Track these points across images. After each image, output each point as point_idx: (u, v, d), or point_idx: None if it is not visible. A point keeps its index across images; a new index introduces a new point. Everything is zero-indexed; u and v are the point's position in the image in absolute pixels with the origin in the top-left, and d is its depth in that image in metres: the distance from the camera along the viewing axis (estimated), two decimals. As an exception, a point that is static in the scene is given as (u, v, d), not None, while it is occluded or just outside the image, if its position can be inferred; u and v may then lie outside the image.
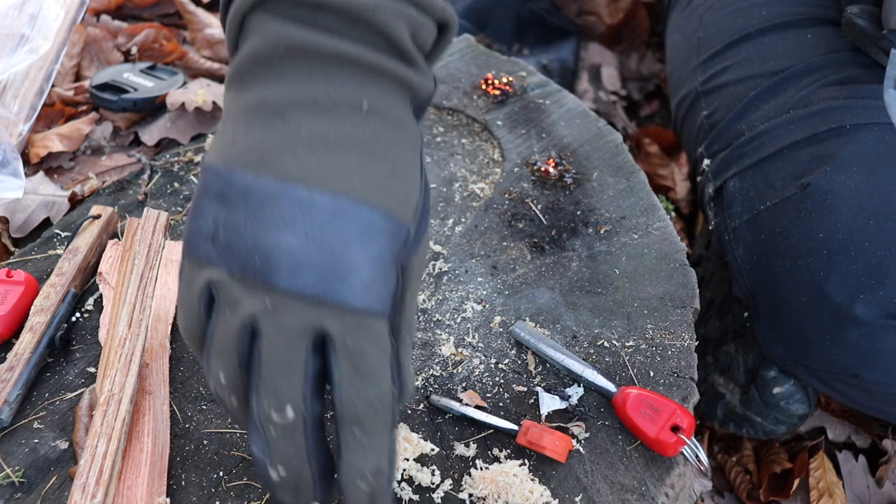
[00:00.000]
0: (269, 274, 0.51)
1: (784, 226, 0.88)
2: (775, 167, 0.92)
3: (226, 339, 0.52)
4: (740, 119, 0.99)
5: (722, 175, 0.98)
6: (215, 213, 0.53)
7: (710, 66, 1.08)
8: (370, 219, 0.53)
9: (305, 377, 0.51)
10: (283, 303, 0.51)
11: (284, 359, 0.51)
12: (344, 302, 0.51)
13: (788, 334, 0.91)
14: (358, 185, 0.53)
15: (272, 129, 0.53)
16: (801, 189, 0.87)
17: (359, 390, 0.51)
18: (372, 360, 0.52)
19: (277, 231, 0.51)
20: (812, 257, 0.85)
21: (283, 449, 0.51)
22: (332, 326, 0.51)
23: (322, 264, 0.51)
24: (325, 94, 0.54)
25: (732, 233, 0.95)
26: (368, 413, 0.51)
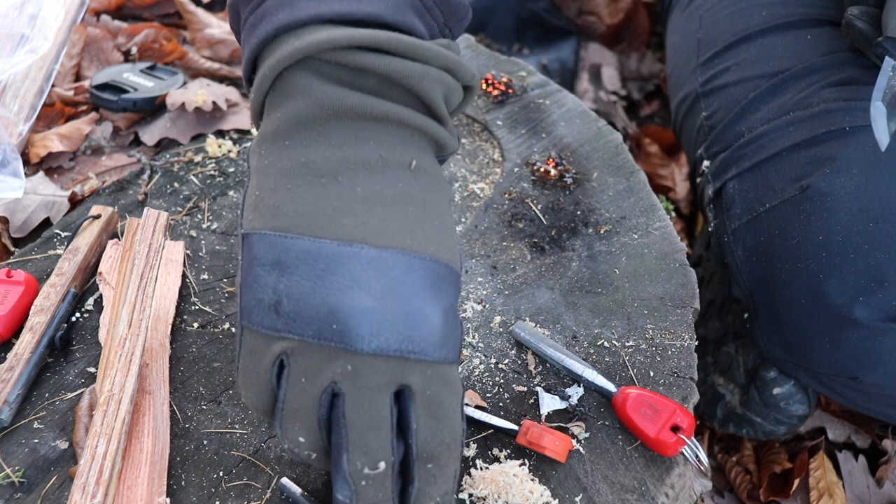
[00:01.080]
0: (350, 339, 0.51)
1: (783, 228, 0.88)
2: (775, 169, 0.92)
3: (306, 404, 0.52)
4: (740, 120, 0.99)
5: (721, 176, 0.98)
6: (274, 283, 0.52)
7: (709, 67, 1.08)
8: (439, 271, 0.54)
9: (392, 429, 0.52)
10: (366, 364, 0.51)
11: (372, 417, 0.52)
12: (426, 356, 0.52)
13: (788, 336, 0.91)
14: (422, 241, 0.54)
15: (325, 191, 0.53)
16: (801, 191, 0.87)
17: (434, 433, 0.53)
18: (447, 405, 0.54)
19: (352, 293, 0.51)
20: (811, 259, 0.85)
21: (371, 496, 0.52)
22: (413, 380, 0.52)
23: (402, 322, 0.52)
24: (376, 155, 0.54)
25: (732, 234, 0.95)
26: (443, 451, 0.54)
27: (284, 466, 0.66)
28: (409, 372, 0.52)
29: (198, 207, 0.89)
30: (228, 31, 1.14)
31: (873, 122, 0.81)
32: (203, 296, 0.79)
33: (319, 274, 0.51)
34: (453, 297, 0.55)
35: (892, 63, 0.83)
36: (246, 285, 0.54)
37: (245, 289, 0.54)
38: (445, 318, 0.54)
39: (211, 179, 0.92)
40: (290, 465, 0.66)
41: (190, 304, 0.78)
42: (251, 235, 0.54)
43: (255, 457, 0.66)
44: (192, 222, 0.87)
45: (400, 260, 0.52)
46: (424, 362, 0.53)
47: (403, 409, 0.53)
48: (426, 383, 0.53)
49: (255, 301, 0.53)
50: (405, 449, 0.54)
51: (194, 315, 0.78)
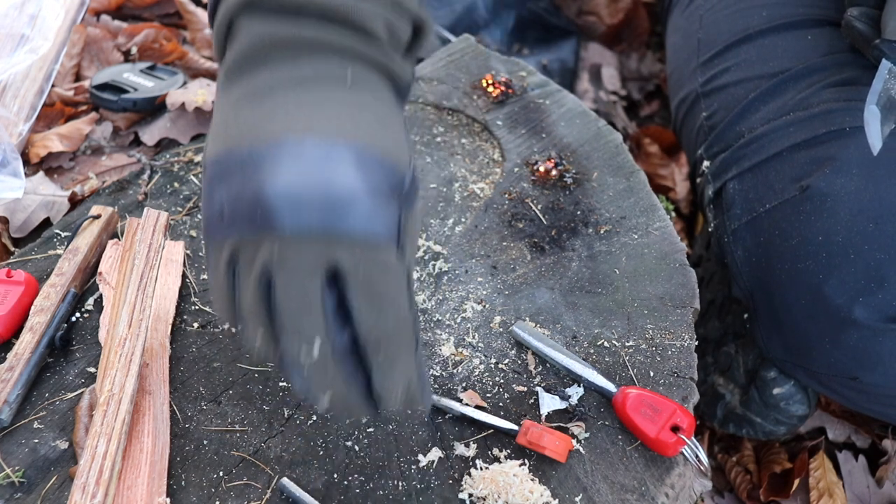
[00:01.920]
0: (272, 220, 0.52)
1: (783, 228, 0.88)
2: (775, 169, 0.92)
3: (252, 298, 0.53)
4: (740, 121, 0.99)
5: (721, 177, 0.98)
6: (220, 195, 0.54)
7: (710, 67, 1.08)
8: (364, 155, 0.54)
9: (324, 313, 0.52)
10: (289, 245, 0.52)
11: (302, 300, 0.52)
12: (350, 232, 0.52)
13: (788, 336, 0.91)
14: (349, 129, 0.55)
15: (260, 106, 0.55)
16: (801, 191, 0.87)
17: (376, 321, 0.53)
18: (385, 287, 0.53)
19: (272, 180, 0.52)
20: (811, 260, 0.85)
21: (320, 381, 0.53)
22: (342, 259, 0.52)
23: (322, 199, 0.52)
24: (310, 71, 0.56)
25: (732, 234, 0.95)
26: (388, 338, 0.53)
27: (284, 466, 0.66)
28: (336, 251, 0.52)
29: (198, 207, 0.89)
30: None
31: (866, 125, 0.81)
32: (203, 296, 0.79)
33: (249, 174, 0.53)
34: (383, 181, 0.54)
35: (888, 66, 0.83)
36: (203, 206, 0.57)
37: (202, 209, 0.57)
38: (371, 197, 0.53)
39: (211, 179, 0.92)
40: (289, 465, 0.66)
41: (190, 304, 0.78)
42: (205, 163, 0.57)
43: (255, 457, 0.66)
44: (192, 222, 0.87)
45: (320, 143, 0.53)
46: (353, 242, 0.52)
47: (341, 293, 0.53)
48: (358, 265, 0.52)
49: (207, 216, 0.56)
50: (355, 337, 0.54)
51: (194, 315, 0.78)
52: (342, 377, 0.53)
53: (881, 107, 0.81)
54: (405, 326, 0.54)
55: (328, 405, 0.54)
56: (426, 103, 1.04)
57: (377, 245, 0.53)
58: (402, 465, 0.66)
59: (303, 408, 0.70)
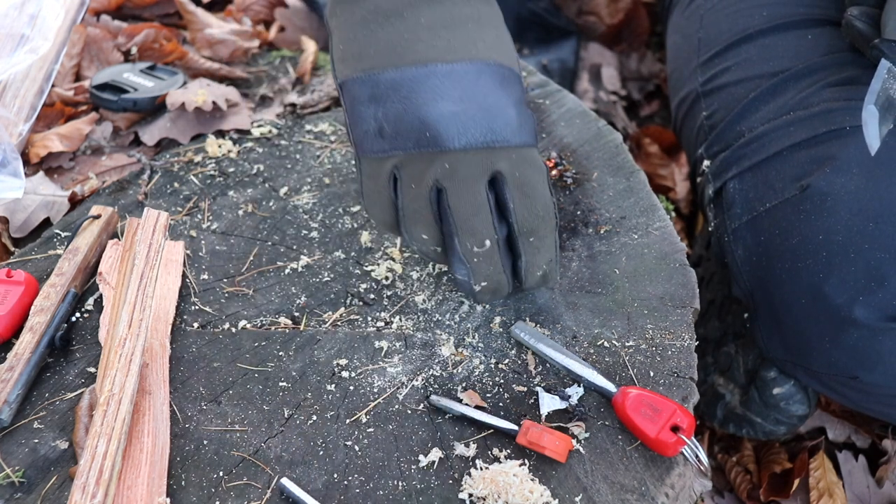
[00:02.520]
0: (442, 140, 0.62)
1: (783, 227, 0.88)
2: (775, 169, 0.92)
3: (419, 205, 0.65)
4: (740, 120, 0.98)
5: (722, 176, 0.98)
6: (374, 113, 0.64)
7: (710, 66, 1.08)
8: (502, 72, 0.66)
9: (491, 212, 0.64)
10: (459, 160, 0.63)
11: (472, 203, 0.64)
12: (508, 142, 0.64)
13: (788, 336, 0.91)
14: (483, 50, 0.65)
15: (395, 27, 0.64)
16: (801, 191, 0.87)
17: (529, 209, 0.65)
18: (535, 183, 0.65)
19: (435, 104, 0.62)
20: (811, 259, 0.85)
21: (484, 270, 0.67)
22: (502, 166, 0.64)
23: (482, 118, 0.63)
24: None
25: (732, 234, 0.95)
26: (539, 223, 0.66)
27: (284, 466, 0.66)
28: (497, 159, 0.63)
29: (198, 207, 0.89)
30: (228, 31, 1.14)
31: (864, 126, 0.81)
32: (203, 296, 0.79)
33: (406, 95, 0.62)
34: (520, 92, 0.66)
35: (887, 66, 0.82)
36: (353, 123, 0.66)
37: (353, 126, 0.66)
38: (517, 108, 0.65)
39: (211, 179, 0.92)
40: (289, 464, 0.66)
41: (190, 304, 0.78)
42: (347, 82, 0.66)
43: (255, 457, 0.66)
44: (192, 222, 0.87)
45: (469, 68, 0.63)
46: (508, 148, 0.64)
47: (500, 193, 0.64)
48: (513, 166, 0.64)
49: (362, 133, 0.65)
50: (507, 228, 0.66)
51: (194, 315, 0.78)
52: (500, 265, 0.66)
53: (879, 107, 0.81)
54: (550, 210, 0.66)
55: (480, 290, 0.68)
56: (426, 103, 1.04)
57: (527, 148, 0.65)
58: (402, 465, 0.66)
59: (302, 408, 0.70)
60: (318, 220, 0.87)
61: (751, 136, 0.96)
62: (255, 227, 0.87)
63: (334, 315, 0.78)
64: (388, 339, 0.76)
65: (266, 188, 0.91)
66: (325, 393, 0.71)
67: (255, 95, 1.07)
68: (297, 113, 1.03)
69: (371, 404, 0.70)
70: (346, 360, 0.74)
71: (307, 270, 0.82)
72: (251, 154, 0.96)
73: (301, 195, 0.90)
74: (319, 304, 0.79)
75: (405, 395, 0.71)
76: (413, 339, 0.76)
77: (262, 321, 0.77)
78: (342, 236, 0.86)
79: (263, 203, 0.89)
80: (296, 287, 0.81)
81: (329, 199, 0.90)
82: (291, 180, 0.92)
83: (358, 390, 0.72)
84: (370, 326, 0.77)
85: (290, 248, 0.85)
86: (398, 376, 0.73)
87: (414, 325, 0.77)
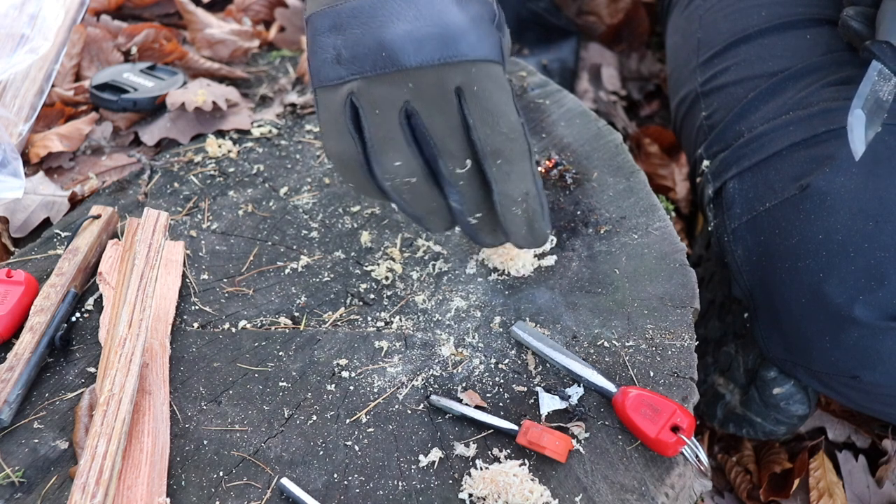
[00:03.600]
0: (398, 58, 0.61)
1: (783, 227, 0.88)
2: (775, 168, 0.92)
3: (389, 130, 0.62)
4: (740, 120, 0.99)
5: (721, 176, 0.98)
6: (332, 42, 0.63)
7: (709, 67, 1.08)
8: None
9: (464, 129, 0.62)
10: (421, 78, 0.61)
11: (445, 123, 0.62)
12: (465, 56, 0.61)
13: (788, 335, 0.91)
14: None
15: None
16: (801, 190, 0.87)
17: (492, 126, 0.62)
18: (497, 99, 0.62)
19: (393, 25, 0.61)
20: (811, 258, 0.85)
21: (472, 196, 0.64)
22: (460, 80, 0.61)
23: (437, 34, 0.61)
24: None
25: (732, 234, 0.95)
26: (505, 143, 0.62)
27: (284, 466, 0.66)
28: (457, 74, 0.61)
29: (198, 207, 0.89)
30: (228, 31, 1.14)
31: (850, 130, 0.80)
32: (203, 296, 0.79)
33: (365, 21, 0.61)
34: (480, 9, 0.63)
35: (878, 67, 0.82)
36: (311, 54, 0.64)
37: (311, 57, 0.64)
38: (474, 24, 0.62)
39: (211, 179, 0.92)
40: (289, 464, 0.66)
41: (190, 304, 0.78)
42: (311, 16, 0.65)
43: (255, 457, 0.66)
44: (192, 222, 0.87)
45: None
46: (466, 63, 0.61)
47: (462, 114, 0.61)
48: (472, 80, 0.61)
49: (319, 62, 0.63)
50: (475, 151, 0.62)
51: (194, 315, 0.78)
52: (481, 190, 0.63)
53: (867, 110, 0.80)
54: (517, 133, 0.63)
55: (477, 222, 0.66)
56: (426, 103, 1.04)
57: (488, 63, 0.62)
58: (402, 465, 0.66)
59: (302, 408, 0.70)
60: (318, 220, 0.87)
61: (750, 135, 0.96)
62: (255, 227, 0.87)
63: (334, 315, 0.78)
64: (388, 339, 0.76)
65: (266, 188, 0.91)
66: (325, 393, 0.71)
67: (255, 95, 1.07)
68: (297, 113, 1.03)
69: (371, 404, 0.70)
70: (346, 360, 0.74)
71: (307, 270, 0.82)
72: (251, 154, 0.96)
73: (301, 195, 0.90)
74: (319, 304, 0.79)
75: (405, 395, 0.71)
76: (413, 339, 0.76)
77: (262, 321, 0.77)
78: (342, 236, 0.86)
79: (263, 203, 0.89)
80: (296, 287, 0.81)
81: (329, 199, 0.90)
82: (291, 180, 0.92)
83: (358, 390, 0.72)
84: (370, 326, 0.77)
85: (290, 248, 0.85)
86: (398, 376, 0.73)
87: (414, 325, 0.77)
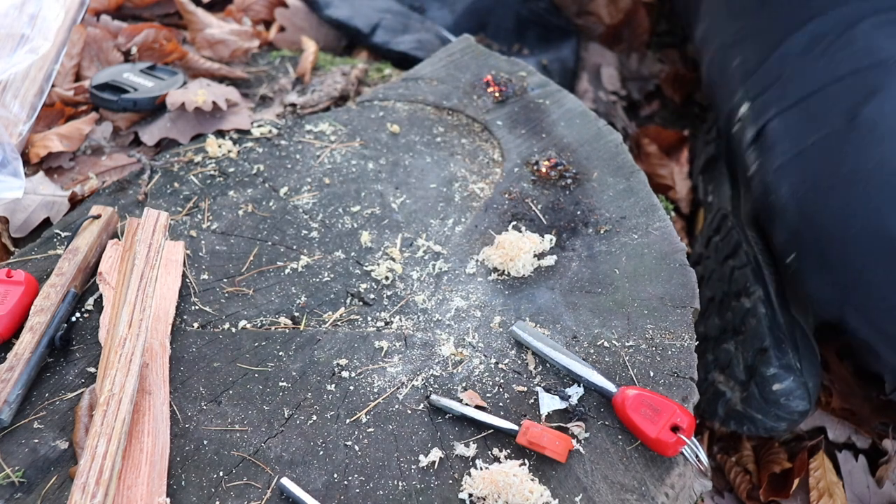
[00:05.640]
0: None
1: (833, 159, 0.86)
2: (819, 103, 0.90)
3: None
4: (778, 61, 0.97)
5: (762, 117, 0.95)
6: None
7: (740, 16, 1.07)
8: None
9: None
10: None
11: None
12: None
13: (840, 271, 0.87)
14: None
15: None
16: (849, 121, 0.85)
17: None
18: None
19: None
20: (865, 188, 0.83)
21: None
22: None
23: None
24: None
25: (776, 172, 0.92)
26: None
27: (284, 466, 0.66)
28: None
29: (198, 207, 0.89)
30: (228, 31, 1.14)
31: None
32: (203, 296, 0.79)
33: None
34: None
35: None
36: None
37: None
38: None
39: (211, 179, 0.92)
40: (289, 464, 0.66)
41: (190, 304, 0.78)
42: None
43: (255, 457, 0.66)
44: (192, 222, 0.87)
45: None
46: None
47: None
48: None
49: None
50: None
51: (194, 315, 0.78)
52: None
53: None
54: None
55: None
56: (426, 103, 1.04)
57: None
58: (402, 465, 0.66)
59: (302, 408, 0.70)
60: (318, 220, 0.87)
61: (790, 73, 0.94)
62: (255, 227, 0.87)
63: (334, 315, 0.78)
64: (388, 339, 0.76)
65: (266, 188, 0.91)
66: (325, 393, 0.71)
67: (255, 95, 1.07)
68: (297, 113, 1.03)
69: (371, 404, 0.70)
70: (346, 360, 0.74)
71: (307, 270, 0.82)
72: (251, 154, 0.96)
73: (301, 195, 0.90)
74: (319, 304, 0.79)
75: (405, 395, 0.71)
76: (413, 339, 0.76)
77: (262, 321, 0.77)
78: (342, 236, 0.86)
79: (263, 203, 0.89)
80: (296, 287, 0.81)
81: (329, 199, 0.90)
82: (291, 180, 0.92)
83: (358, 390, 0.72)
84: (370, 326, 0.77)
85: (290, 248, 0.85)
86: (398, 376, 0.73)
87: (414, 325, 0.77)
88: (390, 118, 0.99)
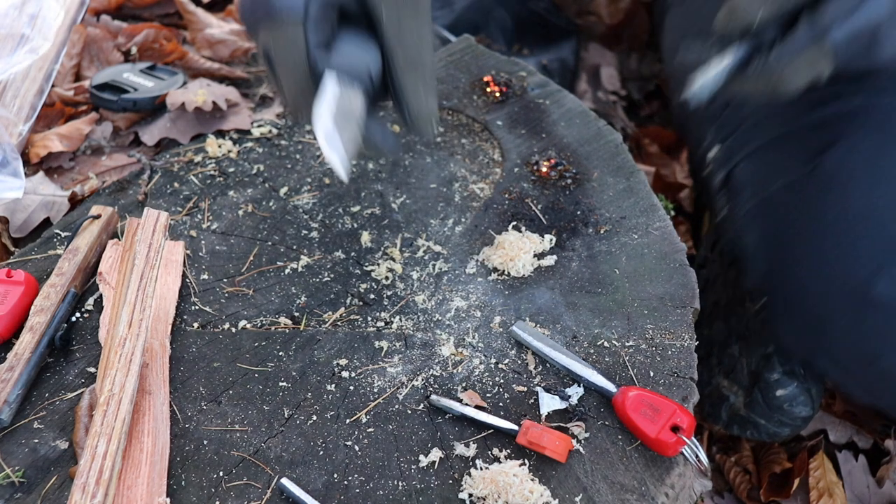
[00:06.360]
0: None
1: (796, 207, 0.86)
2: (784, 149, 0.90)
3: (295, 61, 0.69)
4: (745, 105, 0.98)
5: (730, 161, 0.96)
6: None
7: None
8: None
9: None
10: None
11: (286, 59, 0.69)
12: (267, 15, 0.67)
13: (806, 319, 0.87)
14: None
15: None
16: (812, 169, 0.85)
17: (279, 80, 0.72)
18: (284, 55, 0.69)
19: None
20: (828, 237, 0.83)
21: None
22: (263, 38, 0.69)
23: None
24: None
25: (743, 217, 0.93)
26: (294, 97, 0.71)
27: (284, 466, 0.66)
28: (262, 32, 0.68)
29: (198, 207, 0.89)
30: (228, 31, 1.14)
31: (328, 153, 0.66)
32: (203, 296, 0.79)
33: None
34: None
35: None
36: None
37: None
38: None
39: (211, 179, 0.92)
40: (289, 464, 0.66)
41: (190, 304, 0.78)
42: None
43: (255, 457, 0.66)
44: (192, 222, 0.87)
45: None
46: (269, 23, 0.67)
47: None
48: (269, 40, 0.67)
49: None
50: None
51: (194, 315, 0.78)
52: None
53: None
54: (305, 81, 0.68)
55: None
56: (426, 103, 1.03)
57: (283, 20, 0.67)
58: (402, 465, 0.66)
59: (302, 408, 0.70)
60: (318, 220, 0.87)
61: (757, 118, 0.94)
62: (255, 227, 0.87)
63: (334, 315, 0.78)
64: (388, 339, 0.76)
65: (266, 188, 0.91)
66: (325, 393, 0.71)
67: (255, 95, 1.07)
68: (297, 113, 1.03)
69: (371, 404, 0.70)
70: (346, 360, 0.74)
71: (307, 270, 0.82)
72: (251, 154, 0.96)
73: (301, 195, 0.90)
74: (319, 304, 0.79)
75: (405, 395, 0.71)
76: (413, 339, 0.76)
77: (262, 321, 0.77)
78: (342, 236, 0.86)
79: (263, 203, 0.89)
80: (296, 287, 0.81)
81: (329, 199, 0.90)
82: (291, 180, 0.92)
83: (358, 390, 0.72)
84: (370, 326, 0.77)
85: (290, 248, 0.85)
86: (398, 376, 0.73)
87: (414, 325, 0.77)
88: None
